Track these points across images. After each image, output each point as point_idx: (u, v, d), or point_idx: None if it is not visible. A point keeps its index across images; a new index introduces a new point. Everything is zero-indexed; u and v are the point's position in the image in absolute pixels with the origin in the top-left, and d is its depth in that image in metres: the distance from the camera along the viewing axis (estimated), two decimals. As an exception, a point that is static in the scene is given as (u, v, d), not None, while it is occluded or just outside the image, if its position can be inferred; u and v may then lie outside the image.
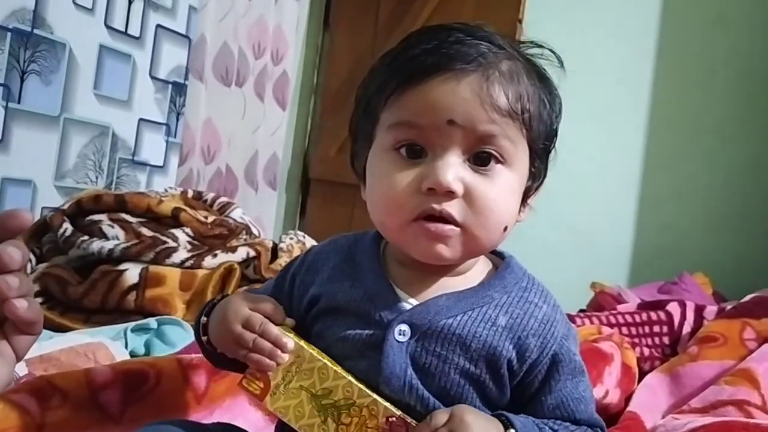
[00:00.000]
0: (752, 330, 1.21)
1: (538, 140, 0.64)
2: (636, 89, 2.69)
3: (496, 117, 0.59)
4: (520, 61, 0.63)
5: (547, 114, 0.64)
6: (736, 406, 1.02)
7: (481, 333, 0.61)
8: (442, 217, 0.59)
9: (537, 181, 0.67)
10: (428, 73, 0.60)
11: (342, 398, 0.59)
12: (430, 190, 0.59)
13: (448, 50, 0.60)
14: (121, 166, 1.76)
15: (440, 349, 0.61)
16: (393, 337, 0.61)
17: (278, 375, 0.61)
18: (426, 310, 0.62)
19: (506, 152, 0.60)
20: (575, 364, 0.64)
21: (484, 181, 0.60)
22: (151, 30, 1.78)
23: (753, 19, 2.57)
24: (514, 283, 0.65)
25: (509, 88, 0.60)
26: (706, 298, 1.76)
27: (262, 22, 2.23)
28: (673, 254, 2.53)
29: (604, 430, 0.65)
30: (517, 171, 0.62)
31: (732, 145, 2.59)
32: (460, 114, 0.59)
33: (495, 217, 0.60)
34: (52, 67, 1.52)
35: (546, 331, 0.63)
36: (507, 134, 0.60)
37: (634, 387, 1.14)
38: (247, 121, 2.22)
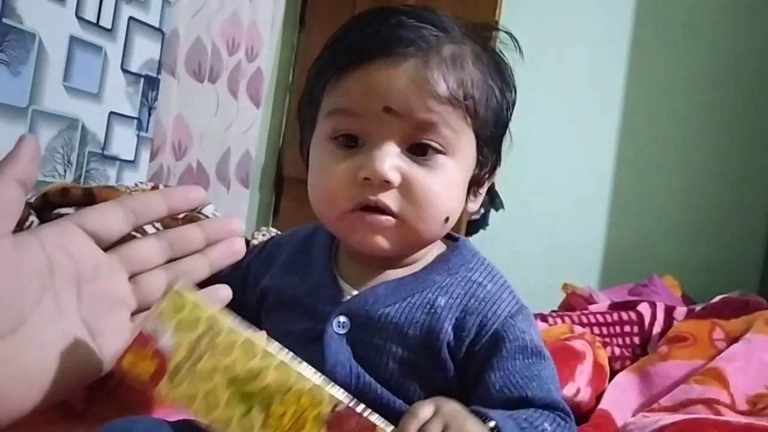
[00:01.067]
0: (721, 330, 1.22)
1: (485, 128, 0.61)
2: (608, 93, 2.72)
3: (435, 104, 0.57)
4: (468, 46, 0.61)
5: (497, 100, 0.62)
6: (705, 404, 1.02)
7: (418, 318, 0.59)
8: (379, 208, 0.58)
9: (485, 169, 0.64)
10: (365, 58, 0.58)
11: (273, 382, 0.45)
12: (366, 180, 0.57)
13: (388, 34, 0.58)
14: (90, 160, 1.73)
15: (377, 340, 0.59)
16: (332, 329, 0.60)
17: (180, 350, 0.44)
18: (363, 300, 0.60)
19: (447, 141, 0.59)
20: (525, 343, 0.59)
21: (423, 172, 0.58)
22: (123, 22, 1.76)
23: (722, 24, 2.60)
24: (459, 264, 0.63)
25: (450, 74, 0.58)
26: (675, 301, 1.78)
27: (236, 18, 2.21)
28: (643, 257, 2.55)
29: (568, 416, 0.59)
30: (460, 160, 0.60)
31: (702, 149, 2.62)
32: (397, 101, 0.57)
33: (433, 209, 0.59)
34: (21, 57, 1.49)
35: (487, 309, 0.60)
36: (447, 122, 0.58)
37: (605, 386, 1.14)
38: (220, 117, 2.20)
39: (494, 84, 0.62)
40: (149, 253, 0.50)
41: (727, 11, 2.61)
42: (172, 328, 0.44)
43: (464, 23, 0.62)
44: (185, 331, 0.44)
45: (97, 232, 0.48)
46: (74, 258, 0.46)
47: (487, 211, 2.52)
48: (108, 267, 0.48)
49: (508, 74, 0.64)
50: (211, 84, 2.13)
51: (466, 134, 0.60)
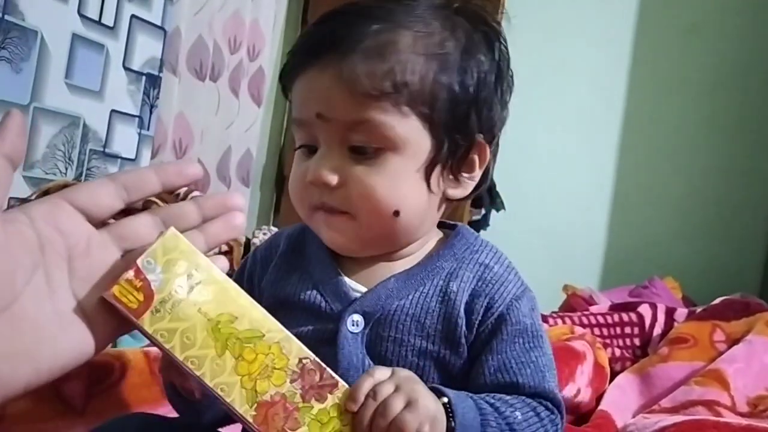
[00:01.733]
0: (722, 332, 1.22)
1: (435, 110, 0.58)
2: (610, 95, 2.72)
3: (359, 102, 0.56)
4: (405, 29, 0.58)
5: (450, 77, 0.59)
6: (705, 406, 1.02)
7: (434, 307, 0.60)
8: (330, 207, 0.59)
9: (449, 151, 0.60)
10: (299, 66, 0.59)
11: (248, 329, 0.48)
12: (312, 183, 0.59)
13: (318, 38, 0.59)
14: (91, 158, 1.73)
15: (395, 333, 0.59)
16: (346, 329, 0.59)
17: (166, 287, 0.46)
18: (376, 296, 0.60)
19: (382, 137, 0.57)
20: (525, 327, 0.60)
21: (362, 170, 0.58)
22: (125, 20, 1.75)
23: (726, 28, 2.60)
24: (464, 248, 0.63)
25: (372, 70, 0.56)
26: (675, 302, 1.78)
27: (238, 17, 2.20)
28: (644, 258, 2.55)
29: (558, 405, 0.59)
30: (402, 152, 0.58)
31: (703, 151, 2.62)
32: (323, 106, 0.58)
33: (375, 203, 0.58)
34: (23, 54, 1.49)
35: (494, 291, 0.60)
36: (377, 118, 0.57)
37: (605, 386, 1.14)
38: (221, 116, 2.20)
39: (444, 66, 0.59)
40: (143, 229, 0.49)
41: (730, 14, 2.60)
42: (161, 266, 0.46)
43: (424, 6, 0.61)
44: (173, 272, 0.47)
45: (87, 208, 0.47)
46: (65, 234, 0.46)
47: (488, 211, 2.52)
48: (100, 243, 0.47)
49: (470, 46, 0.60)
50: (213, 82, 2.13)
51: (405, 123, 0.58)
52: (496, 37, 0.63)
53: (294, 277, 0.64)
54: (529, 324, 0.61)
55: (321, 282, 0.62)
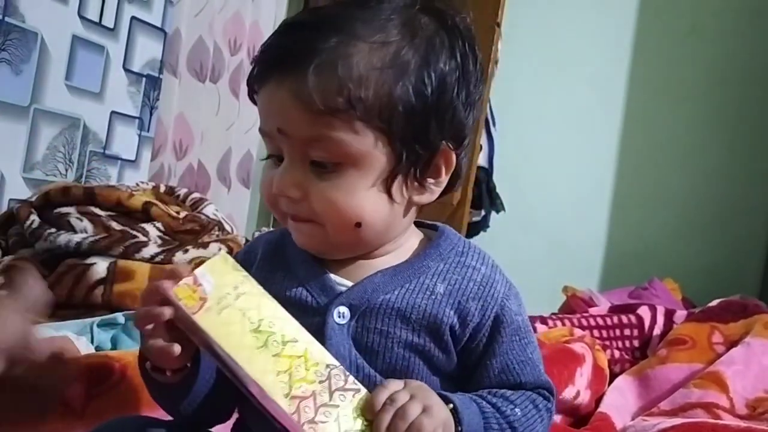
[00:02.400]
0: (720, 334, 1.22)
1: (392, 121, 0.58)
2: (610, 96, 2.72)
3: (315, 119, 0.57)
4: (360, 42, 0.57)
5: (406, 86, 0.58)
6: (704, 408, 1.03)
7: (420, 303, 0.61)
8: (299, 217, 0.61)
9: (411, 159, 0.60)
10: (260, 78, 0.60)
11: (283, 334, 0.55)
12: (277, 195, 0.61)
13: (275, 51, 0.59)
14: (91, 159, 1.73)
15: (381, 326, 0.61)
16: (333, 321, 0.61)
17: (215, 295, 0.55)
18: (363, 289, 0.62)
19: (339, 152, 0.58)
20: (518, 324, 0.64)
21: (321, 184, 0.59)
22: (125, 22, 1.76)
23: (726, 30, 2.60)
24: (450, 249, 0.65)
25: (326, 86, 0.56)
26: (675, 304, 1.78)
27: (239, 18, 2.20)
28: (643, 259, 2.55)
29: (552, 392, 0.65)
30: (361, 166, 0.58)
31: (703, 153, 2.62)
32: (282, 122, 0.58)
33: (336, 216, 0.59)
34: (23, 56, 1.49)
35: (486, 293, 0.63)
36: (333, 133, 0.57)
37: (604, 388, 1.14)
38: (221, 117, 2.20)
39: (401, 77, 0.58)
40: None
41: (730, 15, 2.61)
42: (214, 278, 0.56)
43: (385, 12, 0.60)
44: (223, 282, 0.56)
45: None
46: None
47: (488, 212, 2.52)
48: None
49: (428, 52, 0.59)
50: (213, 84, 2.13)
51: (361, 138, 0.58)
52: (460, 36, 0.62)
53: (278, 276, 0.65)
54: (520, 320, 0.64)
55: (306, 279, 0.64)
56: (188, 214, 1.52)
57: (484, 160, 2.47)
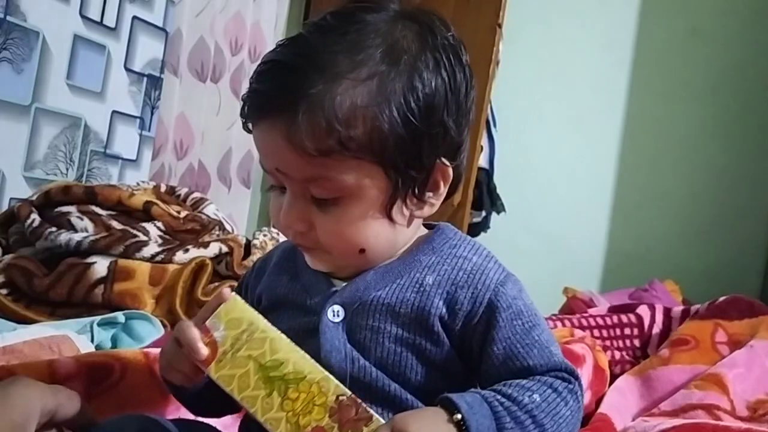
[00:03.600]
0: (724, 332, 1.21)
1: (385, 152, 0.58)
2: (611, 98, 2.72)
3: (311, 160, 0.58)
4: (345, 76, 0.57)
5: (394, 117, 0.58)
6: (705, 410, 1.02)
7: (409, 297, 0.62)
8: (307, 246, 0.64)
9: (407, 182, 0.61)
10: (251, 118, 0.62)
11: (292, 372, 0.56)
12: (285, 228, 0.63)
13: (261, 97, 0.60)
14: (92, 159, 1.73)
15: (372, 322, 0.62)
16: (327, 319, 0.63)
17: (227, 341, 0.57)
18: (355, 287, 0.64)
19: (338, 187, 0.59)
20: (518, 308, 0.61)
21: (326, 218, 0.61)
22: (127, 21, 1.76)
23: (727, 32, 2.61)
24: (443, 243, 0.66)
25: (318, 123, 0.56)
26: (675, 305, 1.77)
27: (240, 19, 2.20)
28: (644, 261, 2.55)
29: (572, 373, 0.60)
30: (360, 196, 0.60)
31: (704, 155, 2.62)
32: (280, 163, 0.60)
33: (341, 245, 0.62)
34: (25, 55, 1.49)
35: (476, 280, 0.62)
36: (331, 173, 0.59)
37: (605, 389, 1.14)
38: (222, 117, 2.20)
39: (385, 101, 0.58)
40: None
41: (731, 17, 2.61)
42: (223, 325, 0.58)
43: None
44: (232, 328, 0.58)
45: None
46: None
47: (489, 213, 2.52)
48: None
49: (427, 77, 0.60)
50: (214, 84, 2.13)
51: (357, 173, 0.59)
52: (444, 51, 0.61)
53: (284, 280, 0.69)
54: (522, 305, 0.62)
55: (308, 282, 0.67)
56: (189, 213, 1.52)
57: (485, 161, 2.48)
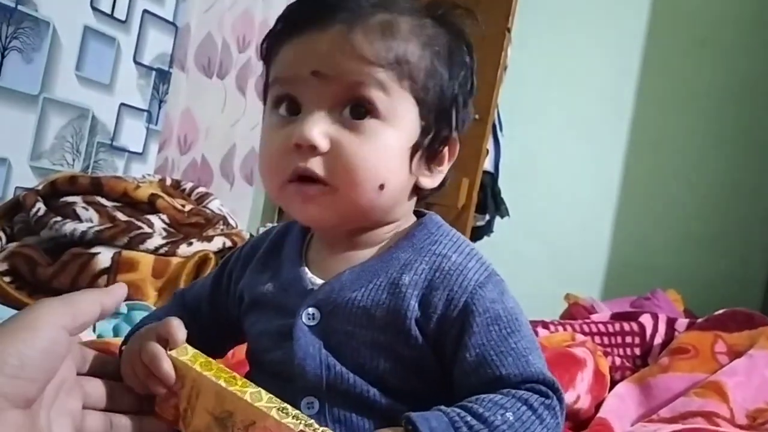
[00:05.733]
0: (723, 343, 1.21)
1: (428, 93, 0.60)
2: (618, 105, 2.72)
3: (363, 66, 0.57)
4: (405, 17, 0.60)
5: (442, 69, 0.61)
6: (704, 417, 1.02)
7: (384, 299, 0.58)
8: (311, 177, 0.57)
9: (430, 137, 0.61)
10: (297, 27, 0.59)
11: (241, 420, 0.53)
12: (298, 146, 0.57)
13: (319, 3, 0.60)
14: (99, 151, 1.73)
15: (347, 326, 0.58)
16: (301, 322, 0.59)
17: (183, 400, 0.57)
18: (330, 289, 0.60)
19: (379, 103, 0.57)
20: (497, 314, 0.57)
21: (353, 136, 0.57)
22: (137, 15, 1.76)
23: (736, 43, 2.61)
24: (424, 239, 0.61)
25: (377, 39, 0.57)
26: (677, 315, 1.77)
27: (248, 16, 2.21)
28: (646, 270, 2.55)
29: (552, 387, 0.56)
30: (396, 125, 0.58)
31: (708, 166, 2.62)
32: (323, 64, 0.57)
33: (364, 174, 0.57)
34: (35, 45, 1.50)
35: (453, 282, 0.58)
36: (378, 84, 0.57)
37: (605, 394, 1.14)
38: (227, 113, 2.20)
39: (438, 56, 0.61)
40: None
41: (740, 28, 2.61)
42: (180, 383, 0.57)
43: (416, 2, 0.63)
44: (184, 385, 0.57)
45: None
46: None
47: (492, 218, 2.52)
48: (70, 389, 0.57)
49: (459, 50, 0.63)
50: (220, 80, 2.13)
51: (402, 98, 0.59)
52: (471, 47, 0.65)
53: (265, 278, 0.65)
54: (500, 309, 0.57)
55: (287, 281, 0.63)
56: (193, 207, 1.52)
57: (490, 165, 2.48)
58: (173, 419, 0.58)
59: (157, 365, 0.57)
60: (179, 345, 0.58)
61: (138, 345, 0.59)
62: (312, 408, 0.57)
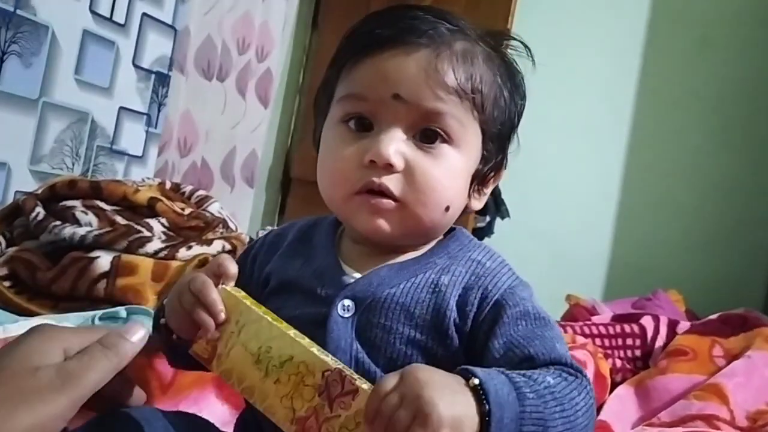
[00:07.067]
0: (720, 347, 1.22)
1: (491, 124, 0.64)
2: (619, 106, 2.72)
3: (443, 94, 0.59)
4: (480, 46, 0.63)
5: (506, 101, 0.65)
6: (704, 420, 1.02)
7: (424, 298, 0.60)
8: (382, 192, 0.60)
9: (489, 166, 0.66)
10: (378, 46, 0.61)
11: (279, 356, 0.55)
12: (372, 163, 0.59)
13: (402, 24, 0.61)
14: (98, 154, 1.73)
15: (384, 320, 0.60)
16: (336, 313, 0.60)
17: (223, 337, 0.58)
18: (368, 282, 0.61)
19: (453, 131, 0.61)
20: (527, 309, 0.59)
21: (426, 158, 0.60)
22: (136, 18, 1.76)
23: (736, 42, 2.60)
24: (458, 248, 0.65)
25: (459, 67, 0.60)
26: (679, 315, 1.77)
27: (248, 18, 2.21)
28: (648, 271, 2.54)
29: (581, 372, 0.56)
30: (464, 152, 0.62)
31: (709, 165, 2.62)
32: (406, 88, 0.59)
33: (435, 195, 0.61)
34: (34, 49, 1.50)
35: (488, 282, 0.61)
36: (454, 113, 0.60)
37: (605, 396, 1.14)
38: (227, 116, 2.20)
39: (503, 85, 0.64)
40: None
41: (741, 27, 2.60)
42: (225, 317, 0.58)
43: (479, 27, 0.65)
44: (230, 322, 0.58)
45: None
46: None
47: (493, 219, 2.52)
48: None
49: (518, 80, 0.67)
50: (220, 82, 2.13)
51: (471, 127, 0.62)
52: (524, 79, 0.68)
53: (297, 263, 0.66)
54: (530, 306, 0.60)
55: (320, 268, 0.64)
56: (193, 210, 1.52)
57: (490, 166, 2.47)
58: (208, 358, 0.59)
59: (206, 293, 0.58)
60: (231, 277, 0.60)
61: (188, 278, 0.61)
62: None
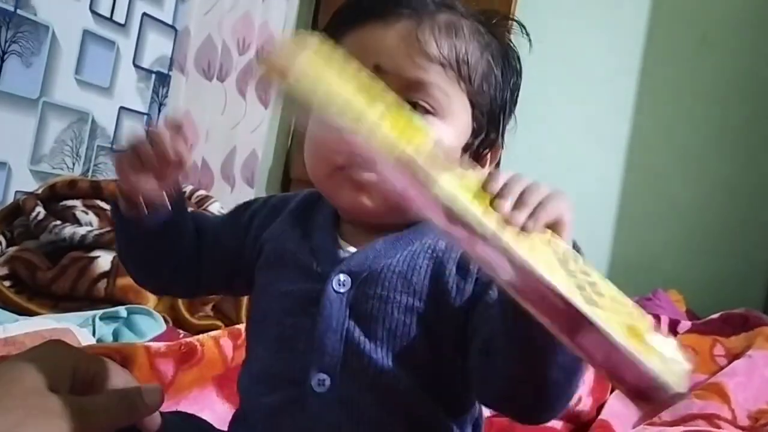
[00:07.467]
0: (722, 347, 1.21)
1: (482, 97, 0.62)
2: (619, 105, 2.71)
3: (424, 63, 0.58)
4: (468, 21, 0.62)
5: (496, 77, 0.63)
6: (706, 419, 1.02)
7: (421, 264, 0.59)
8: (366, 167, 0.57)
9: (480, 139, 0.64)
10: (360, 19, 0.60)
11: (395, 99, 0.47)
12: None
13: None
14: (99, 154, 1.73)
15: (381, 291, 0.58)
16: (331, 289, 0.59)
17: None
18: (364, 256, 0.60)
19: (437, 102, 0.59)
20: None
21: None
22: (136, 18, 1.76)
23: (738, 40, 2.60)
24: None
25: (442, 38, 0.59)
26: (679, 315, 1.77)
27: (248, 18, 2.21)
28: (648, 271, 2.54)
29: None
30: (451, 124, 0.60)
31: (710, 165, 2.61)
32: (386, 59, 0.58)
33: None
34: (34, 49, 1.50)
35: None
36: (438, 83, 0.59)
37: (606, 396, 1.13)
38: (227, 116, 2.20)
39: (494, 60, 0.63)
40: None
41: (742, 25, 2.60)
42: None
43: (473, 8, 0.65)
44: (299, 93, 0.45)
45: None
46: None
47: (493, 219, 2.52)
48: None
49: (511, 57, 0.66)
50: (220, 82, 2.13)
51: (458, 98, 0.60)
52: (520, 58, 0.67)
53: (296, 235, 0.64)
54: None
55: (317, 244, 0.63)
56: (193, 210, 1.52)
57: (491, 166, 2.47)
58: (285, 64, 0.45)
59: None
60: None
61: None
62: (323, 386, 0.57)
